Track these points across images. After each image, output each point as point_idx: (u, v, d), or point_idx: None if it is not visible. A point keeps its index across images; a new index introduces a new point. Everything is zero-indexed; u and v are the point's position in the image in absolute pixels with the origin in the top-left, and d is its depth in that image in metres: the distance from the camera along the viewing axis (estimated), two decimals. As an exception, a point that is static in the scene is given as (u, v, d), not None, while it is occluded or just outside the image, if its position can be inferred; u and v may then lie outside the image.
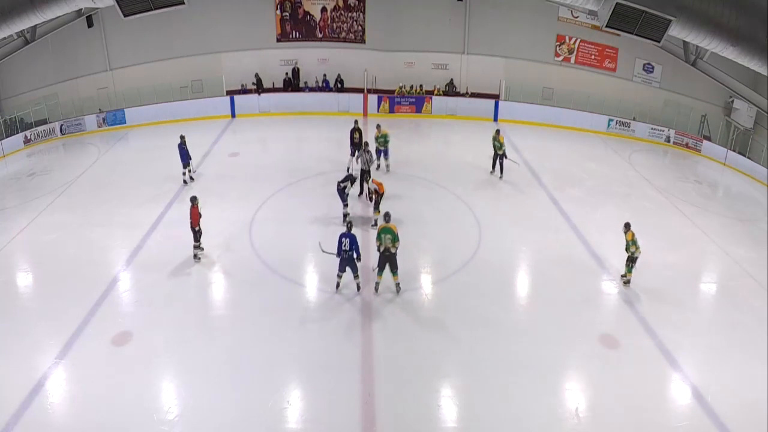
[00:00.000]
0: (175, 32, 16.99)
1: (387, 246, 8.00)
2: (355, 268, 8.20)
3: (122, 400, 6.40)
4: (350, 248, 7.96)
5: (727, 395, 6.70)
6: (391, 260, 8.15)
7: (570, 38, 17.59)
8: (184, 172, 12.40)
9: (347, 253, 7.99)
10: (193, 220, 9.17)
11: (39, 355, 7.10)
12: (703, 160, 15.62)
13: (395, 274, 8.28)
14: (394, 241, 7.99)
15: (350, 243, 7.96)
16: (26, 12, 10.25)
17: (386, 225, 8.12)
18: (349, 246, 7.95)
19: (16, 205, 11.59)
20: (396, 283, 8.40)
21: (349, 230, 8.16)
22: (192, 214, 9.16)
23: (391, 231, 8.02)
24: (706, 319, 8.49)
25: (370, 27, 18.27)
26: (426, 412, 6.46)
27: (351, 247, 7.96)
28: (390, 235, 7.99)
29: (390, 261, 8.15)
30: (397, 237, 8.02)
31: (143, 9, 10.03)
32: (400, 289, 8.45)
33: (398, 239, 8.04)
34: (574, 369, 7.25)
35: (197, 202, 9.25)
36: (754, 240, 10.64)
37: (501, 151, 12.69)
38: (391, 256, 8.09)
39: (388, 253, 8.06)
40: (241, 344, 7.42)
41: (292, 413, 6.39)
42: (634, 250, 8.52)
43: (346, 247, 7.95)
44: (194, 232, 9.27)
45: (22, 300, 8.60)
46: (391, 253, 8.06)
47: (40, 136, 15.54)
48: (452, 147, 15.20)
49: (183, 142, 12.13)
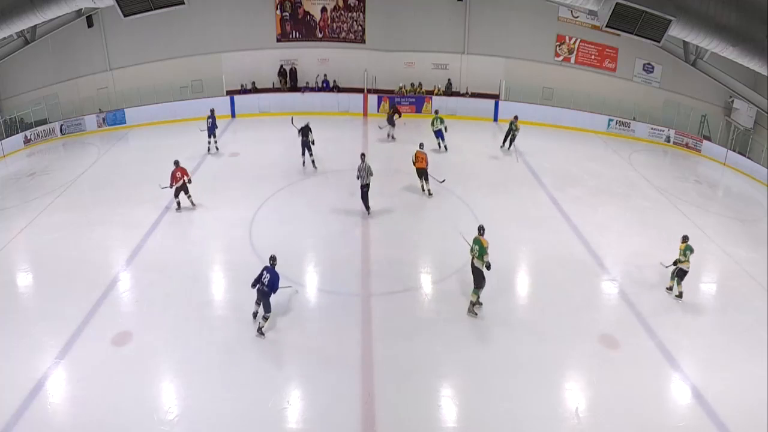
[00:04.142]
0: (175, 32, 17.01)
1: (473, 257, 7.72)
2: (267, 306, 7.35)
3: (122, 400, 6.39)
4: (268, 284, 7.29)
5: (728, 395, 6.70)
6: (477, 274, 7.74)
7: (570, 38, 17.60)
8: (209, 142, 13.97)
9: (264, 287, 7.30)
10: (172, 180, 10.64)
11: (39, 355, 7.09)
12: (703, 160, 15.63)
13: (474, 290, 7.85)
14: (480, 255, 7.60)
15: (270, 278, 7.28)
16: (26, 12, 10.23)
17: (477, 237, 7.82)
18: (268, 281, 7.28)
19: (16, 205, 11.59)
20: (471, 301, 7.93)
21: (272, 266, 7.44)
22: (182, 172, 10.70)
23: (480, 243, 7.68)
24: (706, 319, 8.47)
25: (370, 27, 18.28)
26: (426, 411, 6.46)
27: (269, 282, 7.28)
28: (478, 246, 7.66)
29: (474, 274, 7.78)
30: (485, 250, 7.54)
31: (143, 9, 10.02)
32: (474, 314, 7.91)
33: (485, 253, 7.53)
34: (575, 369, 7.25)
35: (179, 165, 10.76)
36: (754, 240, 10.64)
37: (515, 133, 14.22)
38: (476, 269, 7.73)
39: (473, 264, 7.76)
40: (241, 344, 7.42)
41: (292, 413, 6.39)
42: (682, 260, 8.40)
43: (265, 281, 7.29)
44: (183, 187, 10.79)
45: (22, 300, 8.60)
46: (475, 266, 7.70)
47: (40, 136, 15.55)
48: (452, 146, 15.19)
49: (212, 115, 13.72)
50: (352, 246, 9.85)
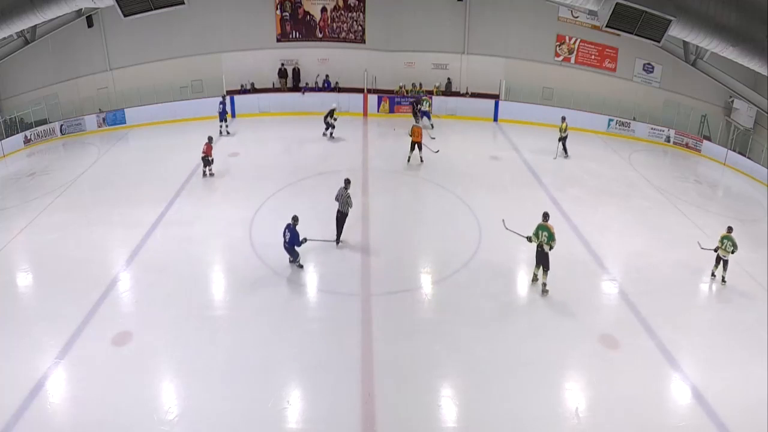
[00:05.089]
0: (175, 32, 17.01)
1: (542, 242, 8.37)
2: (292, 253, 9.01)
3: (122, 400, 6.40)
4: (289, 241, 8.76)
5: (727, 395, 6.70)
6: (544, 259, 8.45)
7: (570, 38, 17.60)
8: (220, 126, 15.18)
9: (286, 243, 8.81)
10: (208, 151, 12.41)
11: (39, 355, 7.10)
12: (703, 160, 15.63)
13: (545, 273, 8.52)
14: (549, 240, 8.33)
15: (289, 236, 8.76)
16: (26, 12, 10.23)
17: (544, 223, 8.46)
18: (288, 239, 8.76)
19: (16, 205, 11.59)
20: (543, 282, 8.58)
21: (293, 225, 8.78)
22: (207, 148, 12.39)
23: (548, 229, 8.36)
24: (706, 319, 8.49)
25: (370, 27, 18.29)
26: (426, 411, 6.47)
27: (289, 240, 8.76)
28: (546, 233, 8.34)
29: (543, 259, 8.47)
30: (552, 236, 8.33)
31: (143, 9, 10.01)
32: (546, 291, 8.53)
33: (554, 239, 8.33)
34: (575, 369, 7.26)
35: (212, 142, 12.61)
36: (754, 240, 10.64)
37: (563, 135, 14.28)
38: (544, 254, 8.42)
39: (541, 249, 8.41)
40: (242, 344, 7.43)
41: (292, 413, 6.39)
42: (720, 247, 8.90)
43: (286, 238, 8.76)
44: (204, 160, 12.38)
45: (22, 300, 8.60)
46: (545, 251, 8.38)
47: (40, 136, 15.55)
48: (452, 147, 15.20)
49: (224, 101, 15.03)
50: (352, 246, 9.86)
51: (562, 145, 14.43)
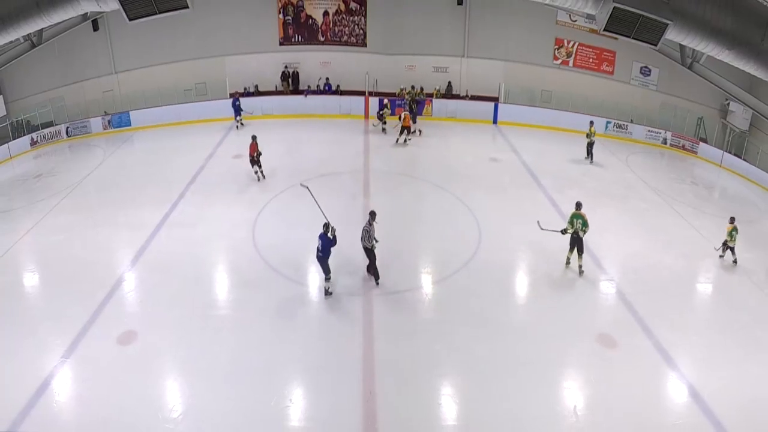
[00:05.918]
0: (179, 36, 17.18)
1: (577, 230, 9.07)
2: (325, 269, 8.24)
3: (127, 399, 6.48)
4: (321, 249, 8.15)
5: (724, 394, 6.78)
6: (579, 243, 9.14)
7: (568, 42, 17.74)
8: (236, 119, 16.29)
9: (319, 253, 8.21)
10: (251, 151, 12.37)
11: (45, 354, 7.19)
12: (700, 161, 15.73)
13: (580, 256, 9.19)
14: (583, 227, 9.06)
15: (322, 244, 8.17)
16: (32, 16, 10.40)
17: (577, 212, 9.17)
18: (321, 246, 8.16)
19: (22, 206, 11.72)
20: (579, 265, 9.24)
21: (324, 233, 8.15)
22: (251, 147, 12.37)
23: (582, 217, 9.08)
24: (702, 318, 8.58)
25: (371, 31, 18.45)
26: (426, 410, 6.55)
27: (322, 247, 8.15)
28: (581, 220, 9.07)
29: (578, 244, 9.16)
30: (586, 223, 9.06)
31: (148, 13, 10.17)
32: (582, 272, 9.23)
33: (588, 225, 9.07)
34: (573, 368, 7.34)
35: (256, 139, 12.49)
36: (750, 240, 10.72)
37: (591, 140, 14.47)
38: (579, 239, 9.11)
39: (576, 235, 9.11)
40: (245, 344, 7.52)
41: (295, 412, 6.48)
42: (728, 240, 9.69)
43: (319, 247, 8.20)
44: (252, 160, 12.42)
45: (29, 300, 8.71)
46: (580, 237, 9.08)
47: (46, 138, 15.70)
48: (452, 149, 15.33)
49: (237, 99, 16.17)
50: (353, 246, 9.95)
51: (589, 150, 14.57)
